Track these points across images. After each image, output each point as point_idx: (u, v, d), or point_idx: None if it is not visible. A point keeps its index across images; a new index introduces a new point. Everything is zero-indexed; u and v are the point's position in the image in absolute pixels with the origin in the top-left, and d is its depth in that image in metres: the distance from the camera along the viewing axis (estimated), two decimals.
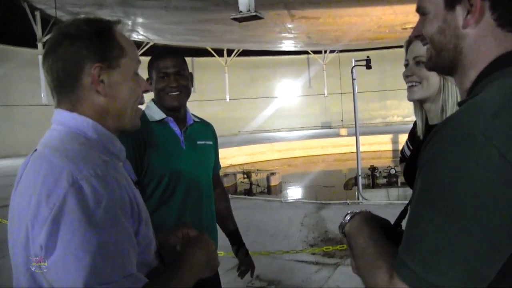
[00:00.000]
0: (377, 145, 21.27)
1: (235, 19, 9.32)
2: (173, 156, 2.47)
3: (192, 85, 2.58)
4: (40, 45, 19.56)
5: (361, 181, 10.61)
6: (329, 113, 32.01)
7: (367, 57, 11.00)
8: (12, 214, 1.23)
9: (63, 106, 1.32)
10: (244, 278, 2.72)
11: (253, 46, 27.63)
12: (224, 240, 2.77)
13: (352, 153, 15.65)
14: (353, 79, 10.40)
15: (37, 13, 19.08)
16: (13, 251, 1.22)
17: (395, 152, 20.48)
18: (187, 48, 26.11)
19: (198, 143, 2.58)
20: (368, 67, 10.88)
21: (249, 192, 15.80)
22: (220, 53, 30.01)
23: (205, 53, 28.63)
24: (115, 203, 1.14)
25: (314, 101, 32.29)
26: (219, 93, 29.35)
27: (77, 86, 1.30)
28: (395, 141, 21.18)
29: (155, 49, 24.28)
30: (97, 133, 1.30)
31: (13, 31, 21.38)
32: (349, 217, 1.24)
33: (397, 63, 26.41)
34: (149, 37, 23.82)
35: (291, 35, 23.33)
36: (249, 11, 8.97)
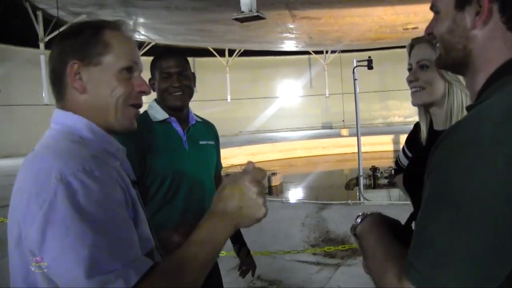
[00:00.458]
0: (379, 145, 21.23)
1: (237, 20, 9.32)
2: (176, 156, 2.47)
3: (194, 85, 2.59)
4: (42, 45, 19.62)
5: (362, 181, 10.60)
6: (330, 114, 31.96)
7: (369, 57, 10.99)
8: (9, 214, 1.24)
9: (58, 105, 1.36)
10: (245, 278, 2.73)
11: (254, 46, 27.61)
12: None
13: (353, 153, 15.60)
14: (354, 80, 10.39)
15: (39, 13, 19.12)
16: (9, 249, 1.22)
17: (397, 152, 20.38)
18: (189, 48, 26.10)
19: (200, 143, 2.59)
20: (369, 67, 10.86)
21: None
22: (221, 53, 29.99)
23: (206, 53, 28.60)
24: (106, 194, 1.15)
25: (315, 101, 32.25)
26: (221, 93, 29.32)
27: (62, 84, 1.33)
28: (396, 142, 21.14)
29: (157, 49, 24.32)
30: (92, 132, 1.31)
31: (15, 31, 21.39)
32: (360, 219, 1.26)
33: (398, 64, 26.42)
34: (151, 37, 23.82)
35: (293, 35, 23.31)
36: (251, 11, 8.96)
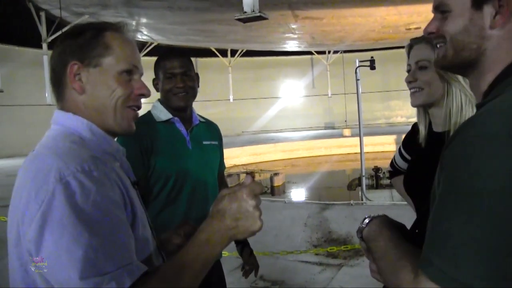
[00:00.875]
0: (381, 145, 21.20)
1: (239, 20, 9.31)
2: (180, 156, 2.49)
3: (198, 86, 2.60)
4: (45, 45, 19.68)
5: (364, 181, 10.59)
6: (332, 114, 31.97)
7: (371, 57, 10.97)
8: (8, 213, 1.24)
9: (58, 105, 1.36)
10: (248, 278, 2.73)
11: (256, 46, 27.60)
12: None
13: (355, 153, 15.59)
14: (357, 80, 10.38)
15: (42, 14, 19.17)
16: (9, 248, 1.23)
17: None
18: (191, 48, 26.11)
19: (204, 143, 2.60)
20: (372, 67, 10.84)
21: None
22: (223, 53, 30.00)
23: (208, 53, 28.61)
24: (104, 195, 1.15)
25: (317, 101, 32.26)
26: (223, 93, 29.33)
27: (61, 84, 1.34)
28: (399, 142, 20.90)
29: (160, 50, 24.32)
30: (92, 132, 1.32)
31: (18, 31, 21.45)
32: (367, 221, 1.26)
33: (401, 64, 26.25)
34: (153, 37, 23.83)
35: (295, 36, 23.30)
36: (254, 11, 8.95)
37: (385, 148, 21.20)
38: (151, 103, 2.56)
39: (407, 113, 29.97)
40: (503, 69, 1.00)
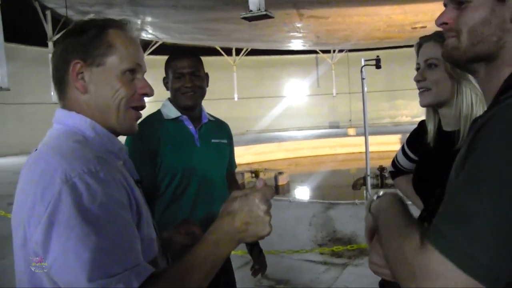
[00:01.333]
0: (385, 145, 21.14)
1: (245, 18, 9.29)
2: (187, 153, 2.51)
3: (207, 85, 2.64)
4: (50, 44, 19.80)
5: (369, 181, 10.56)
6: (337, 113, 31.92)
7: (377, 56, 10.91)
8: (12, 213, 1.24)
9: (61, 104, 1.35)
10: (252, 276, 2.74)
11: (261, 45, 27.58)
12: None
13: (360, 153, 15.54)
14: (362, 79, 10.35)
15: (48, 12, 19.28)
16: (14, 249, 1.22)
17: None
18: (196, 47, 26.12)
19: (212, 141, 2.62)
20: (378, 66, 10.79)
21: None
22: (228, 52, 30.00)
23: (213, 52, 28.58)
24: (111, 197, 1.14)
25: (322, 100, 32.21)
26: (227, 92, 29.31)
27: (64, 82, 1.33)
28: (404, 141, 21.06)
29: (164, 48, 24.34)
30: (95, 131, 1.31)
31: (24, 30, 21.50)
32: (377, 196, 1.25)
33: (406, 63, 26.25)
34: (158, 36, 23.84)
35: (300, 34, 23.27)
36: (259, 10, 8.94)
37: (389, 147, 21.14)
38: (160, 101, 2.59)
39: (412, 112, 29.90)
40: None
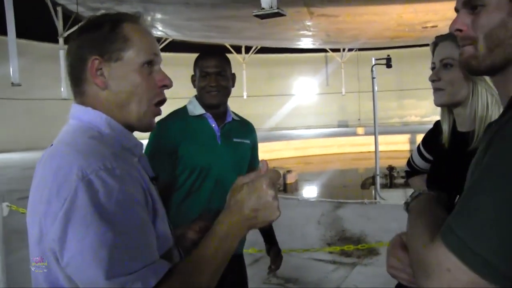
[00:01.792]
0: (394, 144, 21.12)
1: (257, 16, 9.29)
2: (207, 149, 2.55)
3: (233, 86, 2.69)
4: (61, 40, 19.91)
5: (378, 180, 10.55)
6: (346, 112, 31.89)
7: (388, 55, 10.93)
8: (28, 210, 1.23)
9: (77, 100, 1.34)
10: (261, 275, 2.75)
11: (271, 43, 27.60)
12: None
13: (369, 152, 15.56)
14: (372, 78, 10.34)
15: (59, 9, 19.45)
16: (30, 246, 1.21)
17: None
18: (206, 44, 26.15)
19: (234, 140, 2.64)
20: (388, 66, 10.81)
21: None
22: (238, 50, 30.03)
23: (223, 49, 28.59)
24: (127, 194, 1.13)
25: (331, 99, 32.18)
26: (237, 90, 28.97)
27: (81, 79, 1.31)
28: (413, 141, 21.02)
29: (174, 45, 24.40)
30: (111, 127, 1.29)
31: (35, 26, 21.63)
32: (416, 194, 1.26)
33: (415, 62, 26.18)
34: (168, 33, 23.88)
35: (310, 33, 23.24)
36: (271, 8, 8.94)
37: (398, 147, 21.12)
38: (187, 98, 2.64)
39: (421, 112, 29.82)
40: None
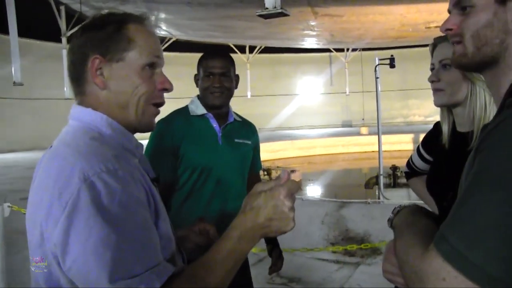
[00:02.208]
0: (398, 144, 21.09)
1: (261, 16, 9.29)
2: (208, 150, 2.55)
3: (236, 87, 2.70)
4: (64, 39, 19.97)
5: (382, 180, 10.52)
6: (350, 112, 31.90)
7: (391, 55, 10.88)
8: (28, 212, 1.22)
9: (77, 99, 1.33)
10: (264, 275, 2.75)
11: (275, 43, 27.63)
12: None
13: (373, 152, 15.51)
14: (376, 78, 10.31)
15: (62, 8, 19.51)
16: (30, 249, 1.20)
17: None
18: (210, 44, 26.18)
19: (235, 141, 2.64)
20: (392, 66, 10.75)
21: None
22: (242, 49, 30.09)
23: (227, 49, 28.63)
24: (129, 195, 1.12)
25: (335, 99, 32.20)
26: (241, 90, 28.80)
27: (82, 78, 1.30)
28: (417, 141, 21.00)
29: (177, 45, 24.43)
30: (112, 128, 1.28)
31: (38, 25, 21.69)
32: (396, 211, 1.27)
33: (419, 62, 26.15)
34: (172, 32, 23.94)
35: (314, 33, 23.26)
36: (275, 8, 8.94)
37: (402, 147, 21.09)
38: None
39: (425, 112, 29.79)
40: None
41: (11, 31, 12.61)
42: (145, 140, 1.95)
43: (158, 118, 1.45)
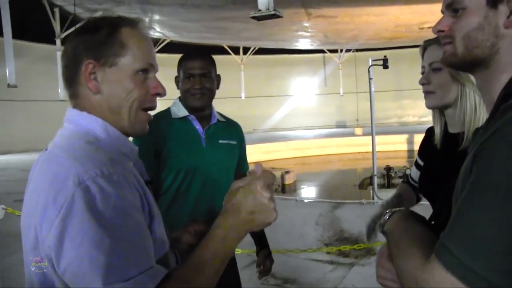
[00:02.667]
0: (393, 145, 21.12)
1: (254, 18, 9.28)
2: (192, 152, 2.51)
3: (218, 87, 2.63)
4: (58, 41, 19.94)
5: (376, 180, 10.55)
6: (344, 112, 31.90)
7: (384, 56, 10.91)
8: (23, 214, 1.22)
9: (71, 103, 1.33)
10: (258, 275, 2.72)
11: (269, 44, 27.61)
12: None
13: (367, 152, 15.52)
14: (370, 79, 10.35)
15: (56, 10, 19.47)
16: (25, 251, 1.21)
17: (411, 152, 20.37)
18: (204, 45, 26.15)
19: (220, 142, 2.60)
20: (385, 66, 10.78)
21: None
22: (236, 51, 30.05)
23: (221, 50, 28.57)
24: (124, 199, 1.13)
25: (329, 100, 32.20)
26: (235, 91, 29.26)
27: (75, 81, 1.31)
28: (411, 141, 21.06)
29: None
30: (107, 132, 1.29)
31: (32, 27, 21.62)
32: (388, 216, 1.26)
33: (413, 63, 26.12)
34: (166, 34, 23.89)
35: (308, 34, 23.28)
36: (268, 9, 8.92)
37: (396, 147, 21.14)
38: (170, 100, 2.59)
39: (420, 112, 29.80)
40: None
41: (6, 33, 12.55)
42: None
43: None
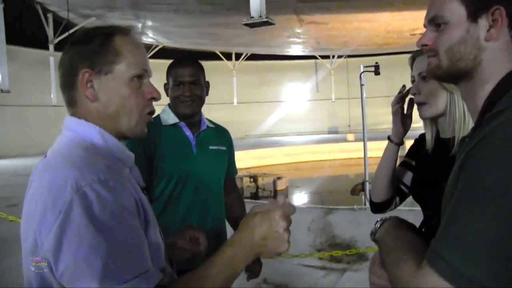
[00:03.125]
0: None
1: (246, 25, 9.26)
2: (183, 159, 2.52)
3: (207, 94, 2.64)
4: (51, 47, 19.90)
5: (368, 186, 10.57)
6: (336, 118, 31.94)
7: (376, 63, 10.94)
8: (22, 219, 1.24)
9: (69, 111, 1.36)
10: (251, 280, 2.72)
11: (261, 50, 27.66)
12: None
13: (359, 158, 15.53)
14: (361, 85, 10.38)
15: (49, 15, 19.45)
16: (24, 256, 1.23)
17: (402, 158, 20.39)
18: (196, 51, 26.17)
19: (210, 148, 2.62)
20: (376, 73, 10.80)
21: (255, 196, 15.71)
22: (228, 56, 30.07)
23: (213, 56, 28.62)
24: (120, 205, 1.16)
25: (321, 106, 32.24)
26: (227, 97, 29.28)
27: (73, 90, 1.33)
28: (402, 147, 21.09)
29: (164, 52, 24.33)
30: (104, 139, 1.32)
31: (25, 32, 21.55)
32: (379, 224, 1.29)
33: (405, 69, 25.83)
34: (159, 40, 23.88)
35: (300, 40, 23.35)
36: (261, 17, 8.89)
37: None
38: (162, 105, 2.60)
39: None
40: (500, 80, 1.04)
41: None
42: None
43: None
